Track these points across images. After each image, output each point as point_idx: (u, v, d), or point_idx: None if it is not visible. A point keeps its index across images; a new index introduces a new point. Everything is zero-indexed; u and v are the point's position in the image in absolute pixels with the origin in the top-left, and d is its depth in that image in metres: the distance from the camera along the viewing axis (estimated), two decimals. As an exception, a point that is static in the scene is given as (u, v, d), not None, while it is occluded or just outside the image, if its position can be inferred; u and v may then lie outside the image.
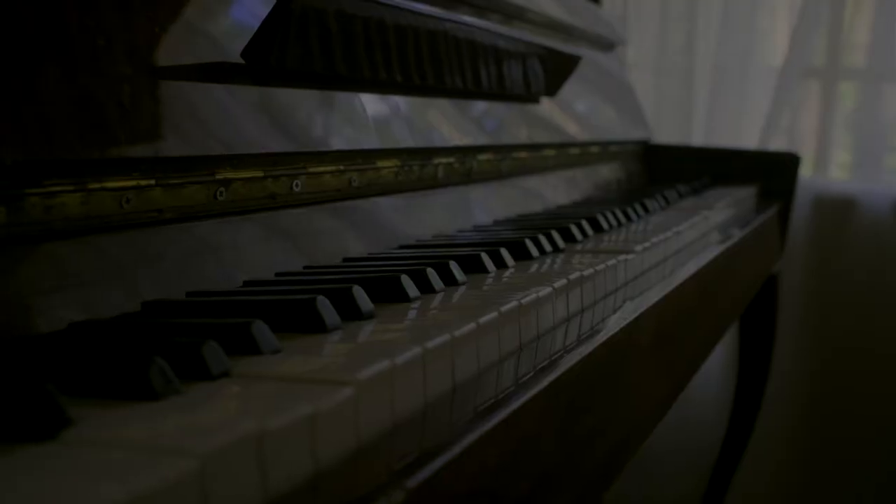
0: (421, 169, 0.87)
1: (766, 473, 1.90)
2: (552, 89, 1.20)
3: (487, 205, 1.01)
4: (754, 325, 1.62)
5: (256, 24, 0.65)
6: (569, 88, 1.27)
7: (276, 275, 0.62)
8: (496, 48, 1.01)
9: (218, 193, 0.59)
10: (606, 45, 1.60)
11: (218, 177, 0.60)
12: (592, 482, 0.57)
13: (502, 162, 1.05)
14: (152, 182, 0.54)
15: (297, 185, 0.68)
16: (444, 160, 0.91)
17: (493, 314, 0.49)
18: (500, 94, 1.04)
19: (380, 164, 0.79)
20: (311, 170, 0.70)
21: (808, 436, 1.91)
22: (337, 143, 0.73)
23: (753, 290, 1.34)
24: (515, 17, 1.20)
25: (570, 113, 1.32)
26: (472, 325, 0.47)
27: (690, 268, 0.84)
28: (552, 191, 1.20)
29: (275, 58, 0.65)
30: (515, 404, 0.43)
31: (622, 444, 0.63)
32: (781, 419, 1.89)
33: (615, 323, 0.61)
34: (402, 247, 0.77)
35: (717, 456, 1.69)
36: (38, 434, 0.30)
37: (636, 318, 0.64)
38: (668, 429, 1.81)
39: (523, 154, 1.12)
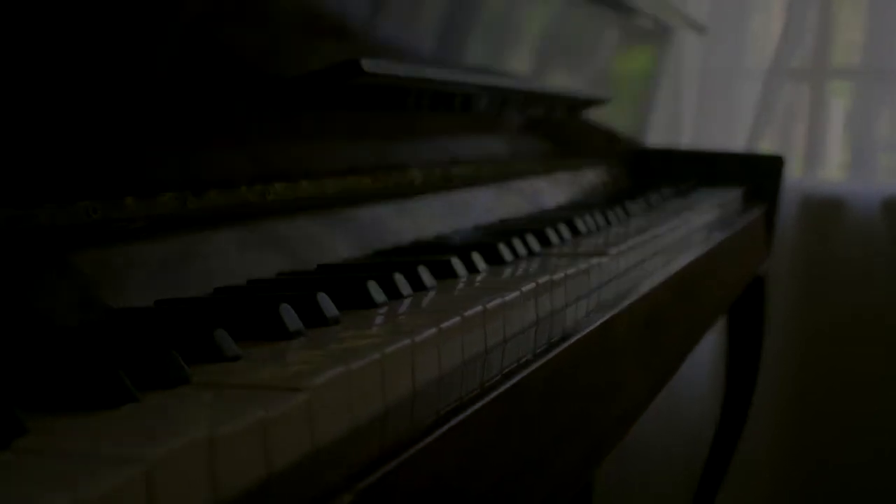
0: (402, 174, 0.88)
1: (756, 470, 1.91)
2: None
3: (470, 210, 1.01)
4: (743, 324, 1.63)
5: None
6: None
7: (249, 282, 0.63)
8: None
9: (191, 201, 0.60)
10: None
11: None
12: (559, 485, 0.57)
13: (485, 166, 1.06)
14: (124, 191, 0.55)
15: (273, 193, 0.68)
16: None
17: (456, 319, 0.50)
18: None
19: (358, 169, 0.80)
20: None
21: (796, 434, 1.92)
22: (313, 151, 0.74)
23: (736, 291, 1.35)
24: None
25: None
26: (433, 330, 0.47)
27: (666, 271, 0.84)
28: (537, 194, 1.21)
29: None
30: (472, 408, 0.44)
31: (592, 448, 0.64)
32: (771, 417, 1.90)
33: (583, 326, 0.62)
34: (377, 253, 0.77)
35: (708, 453, 1.70)
36: (-9, 443, 0.31)
37: (605, 322, 0.65)
38: (659, 427, 1.82)
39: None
